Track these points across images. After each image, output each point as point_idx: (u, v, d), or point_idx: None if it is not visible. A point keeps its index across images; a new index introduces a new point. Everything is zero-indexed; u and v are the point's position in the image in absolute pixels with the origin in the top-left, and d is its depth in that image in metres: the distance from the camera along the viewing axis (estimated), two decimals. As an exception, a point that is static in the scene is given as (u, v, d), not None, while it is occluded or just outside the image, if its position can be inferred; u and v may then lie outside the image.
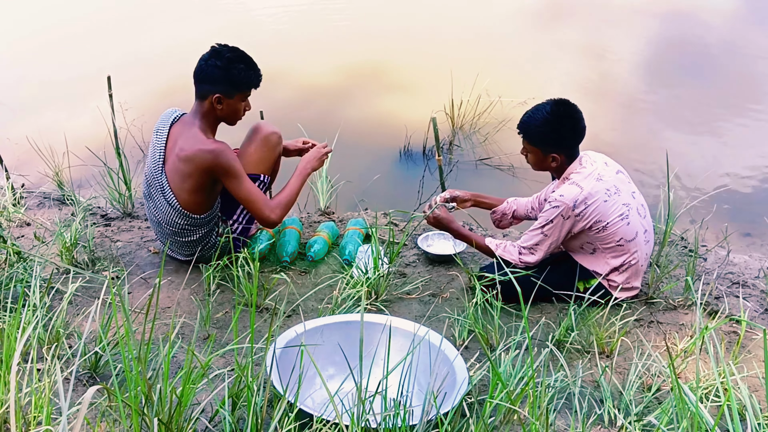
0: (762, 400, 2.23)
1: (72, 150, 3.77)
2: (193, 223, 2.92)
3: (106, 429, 1.94)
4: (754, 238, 3.66)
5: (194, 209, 2.89)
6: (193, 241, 2.97)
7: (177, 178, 2.85)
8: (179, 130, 2.90)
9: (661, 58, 6.08)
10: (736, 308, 2.83)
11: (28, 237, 3.30)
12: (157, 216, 2.97)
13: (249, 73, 2.82)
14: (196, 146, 2.78)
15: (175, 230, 2.94)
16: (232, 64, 2.78)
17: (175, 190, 2.87)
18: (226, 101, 2.82)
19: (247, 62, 2.82)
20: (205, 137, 2.81)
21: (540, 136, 2.74)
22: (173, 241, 2.99)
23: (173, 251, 3.08)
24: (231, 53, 2.81)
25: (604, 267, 2.79)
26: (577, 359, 2.48)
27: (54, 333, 2.30)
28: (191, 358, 1.86)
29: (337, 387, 1.88)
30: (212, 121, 2.87)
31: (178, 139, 2.86)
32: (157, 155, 2.92)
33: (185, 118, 2.91)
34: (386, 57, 5.86)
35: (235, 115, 2.89)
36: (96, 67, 4.57)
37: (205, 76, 2.81)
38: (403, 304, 2.85)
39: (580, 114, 2.74)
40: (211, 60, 2.79)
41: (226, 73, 2.78)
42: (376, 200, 3.84)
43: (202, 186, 2.84)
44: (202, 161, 2.77)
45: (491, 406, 1.85)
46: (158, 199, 2.92)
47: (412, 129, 4.36)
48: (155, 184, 2.92)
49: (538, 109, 2.74)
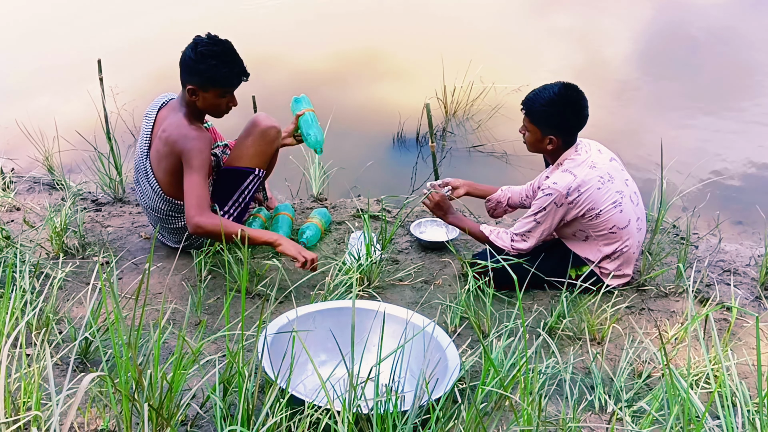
0: (752, 387, 2.24)
1: (62, 134, 3.74)
2: (176, 209, 2.91)
3: (96, 414, 1.93)
4: (746, 226, 3.67)
5: (178, 195, 2.86)
6: (179, 228, 2.96)
7: (160, 163, 2.84)
8: (165, 114, 2.87)
9: (655, 46, 6.07)
10: (727, 296, 2.84)
11: (17, 222, 3.27)
12: (144, 201, 2.97)
13: (222, 71, 2.71)
14: (175, 130, 2.75)
15: (161, 216, 2.93)
16: (204, 59, 2.68)
17: (158, 175, 2.86)
18: (202, 94, 2.75)
19: (222, 59, 2.71)
20: (186, 123, 2.77)
21: (542, 116, 2.73)
22: (162, 227, 2.98)
23: (163, 237, 3.07)
24: (206, 47, 2.70)
25: (597, 254, 2.79)
26: (569, 346, 2.49)
27: (44, 318, 2.29)
28: (182, 344, 1.85)
29: (329, 373, 1.87)
30: (194, 109, 2.81)
31: (163, 123, 2.84)
32: (143, 140, 2.90)
33: (173, 104, 2.88)
34: (379, 43, 5.83)
35: (215, 108, 2.81)
36: (87, 51, 4.52)
37: (182, 65, 2.76)
38: (396, 291, 2.85)
39: (586, 102, 2.73)
40: (188, 51, 2.73)
41: (196, 67, 2.70)
42: (369, 187, 3.83)
43: (176, 169, 2.80)
44: (174, 144, 2.75)
45: (483, 392, 1.85)
46: (144, 185, 2.92)
47: (405, 115, 4.34)
48: (141, 169, 2.92)
49: (546, 89, 2.72)
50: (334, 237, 3.28)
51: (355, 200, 3.65)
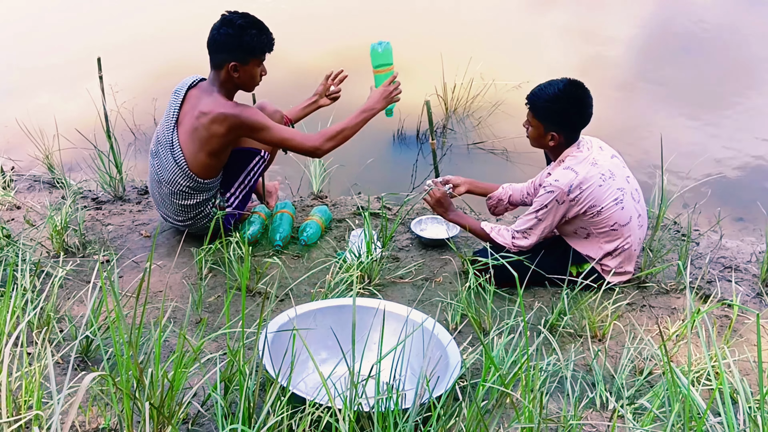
0: (753, 384, 2.24)
1: (62, 133, 3.74)
2: (195, 187, 2.93)
3: (98, 413, 1.93)
4: (747, 222, 3.67)
5: (201, 172, 2.91)
6: (189, 205, 2.97)
7: (192, 140, 2.87)
8: (197, 94, 2.92)
9: (655, 42, 6.06)
10: (728, 292, 2.83)
11: (18, 221, 3.27)
12: (160, 174, 2.97)
13: (261, 38, 2.84)
14: (218, 109, 2.81)
15: (175, 191, 2.94)
16: (244, 31, 2.80)
17: (186, 151, 2.88)
18: (242, 68, 2.85)
19: (258, 27, 2.84)
20: (225, 101, 2.85)
21: (545, 111, 2.72)
22: (170, 203, 2.99)
23: (167, 215, 3.07)
24: (242, 20, 2.82)
25: (598, 251, 2.79)
26: (570, 343, 2.49)
27: (45, 317, 2.29)
28: (183, 342, 1.85)
29: (330, 371, 1.87)
30: (230, 88, 2.90)
31: (197, 102, 2.88)
32: (171, 114, 2.93)
33: (203, 85, 2.94)
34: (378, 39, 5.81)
35: (252, 80, 2.92)
36: (87, 49, 4.51)
37: (218, 45, 2.83)
38: (396, 289, 2.85)
39: (591, 100, 2.72)
40: (223, 28, 2.81)
41: (239, 40, 2.80)
42: (370, 184, 3.83)
43: (218, 150, 2.87)
44: (227, 124, 2.80)
45: (484, 389, 1.85)
46: (165, 158, 2.93)
47: (405, 112, 4.33)
48: (165, 141, 2.93)
49: (551, 84, 2.71)
50: (334, 234, 3.28)
51: (356, 198, 3.65)
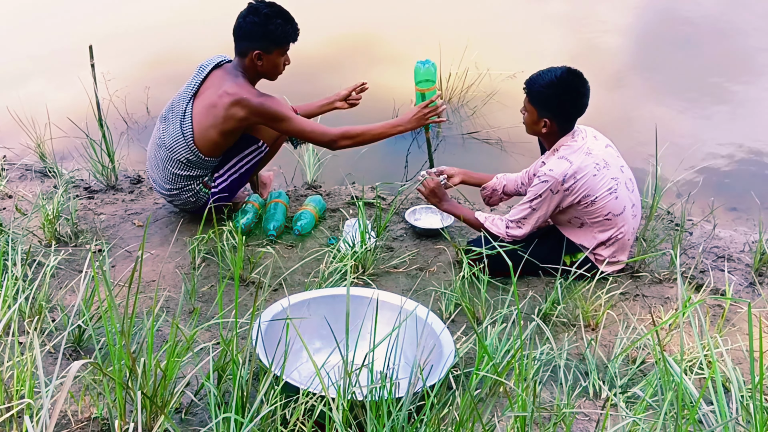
0: (746, 373, 2.25)
1: (54, 121, 3.71)
2: (193, 160, 2.94)
3: (90, 402, 1.92)
4: (740, 212, 3.67)
5: (204, 148, 2.92)
6: (181, 176, 2.97)
7: (206, 115, 2.88)
8: (222, 74, 2.93)
9: (650, 32, 6.04)
10: (721, 282, 2.84)
11: (9, 210, 3.25)
12: (163, 138, 2.97)
13: (287, 28, 2.85)
14: (244, 94, 2.82)
15: (173, 158, 2.95)
16: (270, 20, 2.81)
17: (196, 123, 2.89)
18: (266, 57, 2.86)
19: (284, 17, 2.85)
20: (251, 87, 2.87)
21: (540, 97, 2.72)
22: (163, 168, 2.99)
23: (155, 180, 3.07)
24: (269, 9, 2.83)
25: (591, 241, 2.79)
26: (563, 332, 2.49)
27: (36, 306, 2.27)
28: (176, 332, 1.84)
29: (324, 360, 1.87)
30: (253, 75, 2.92)
31: (221, 82, 2.89)
32: (191, 87, 2.95)
33: (228, 67, 2.95)
34: (374, 28, 5.79)
35: (275, 70, 2.93)
36: (79, 36, 4.47)
37: (244, 33, 2.84)
38: (390, 278, 2.85)
39: (587, 90, 2.72)
40: (249, 17, 2.82)
41: (265, 29, 2.81)
42: (364, 174, 3.81)
43: (229, 131, 2.89)
44: (248, 109, 2.82)
45: (477, 378, 1.86)
46: (174, 124, 2.94)
47: (399, 102, 4.32)
48: (177, 110, 2.94)
49: (550, 71, 2.71)
50: (328, 224, 3.27)
51: (350, 187, 3.64)
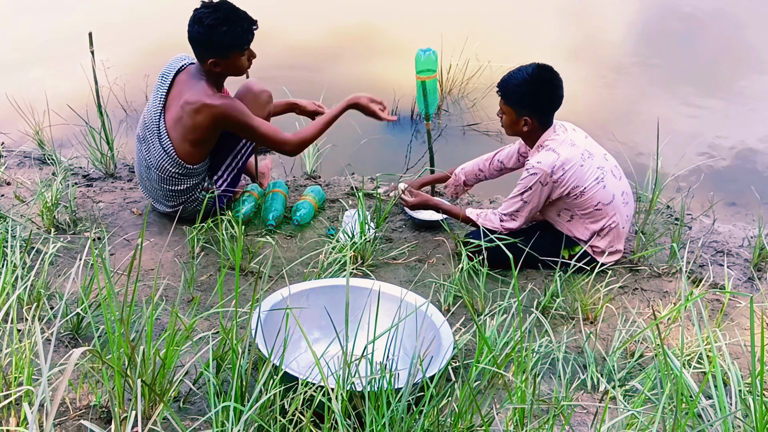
0: (744, 367, 2.25)
1: (53, 108, 3.68)
2: (183, 173, 2.91)
3: (89, 390, 1.92)
4: (739, 207, 3.67)
5: (189, 159, 2.89)
6: (179, 191, 2.95)
7: (178, 128, 2.84)
8: (185, 79, 2.88)
9: (651, 25, 6.03)
10: (720, 276, 2.85)
11: (8, 197, 3.24)
12: (148, 160, 2.94)
13: (236, 32, 2.75)
14: (203, 100, 2.78)
15: (164, 176, 2.92)
16: (214, 30, 2.72)
17: (173, 137, 2.86)
18: (223, 62, 2.81)
19: (230, 22, 2.74)
20: (212, 92, 2.82)
21: (516, 97, 2.74)
22: (159, 188, 2.97)
23: (157, 201, 3.04)
24: (211, 17, 2.72)
25: (585, 233, 2.80)
26: (562, 325, 2.50)
27: (35, 293, 2.27)
28: (175, 320, 1.84)
29: (323, 350, 1.87)
30: (216, 77, 2.87)
31: (184, 89, 2.85)
32: (158, 100, 2.90)
33: (192, 69, 2.90)
34: (375, 19, 5.76)
35: (238, 69, 2.88)
36: (79, 23, 4.45)
37: (193, 42, 2.79)
38: (390, 270, 2.84)
39: (560, 82, 2.73)
40: (195, 27, 2.75)
41: (210, 39, 2.73)
42: (364, 164, 3.80)
43: (203, 139, 2.86)
44: (210, 116, 2.79)
45: (477, 370, 1.86)
46: (153, 144, 2.91)
47: (400, 93, 4.30)
48: (152, 128, 2.91)
49: (520, 70, 2.74)
50: (327, 215, 3.26)
51: (350, 178, 3.63)
